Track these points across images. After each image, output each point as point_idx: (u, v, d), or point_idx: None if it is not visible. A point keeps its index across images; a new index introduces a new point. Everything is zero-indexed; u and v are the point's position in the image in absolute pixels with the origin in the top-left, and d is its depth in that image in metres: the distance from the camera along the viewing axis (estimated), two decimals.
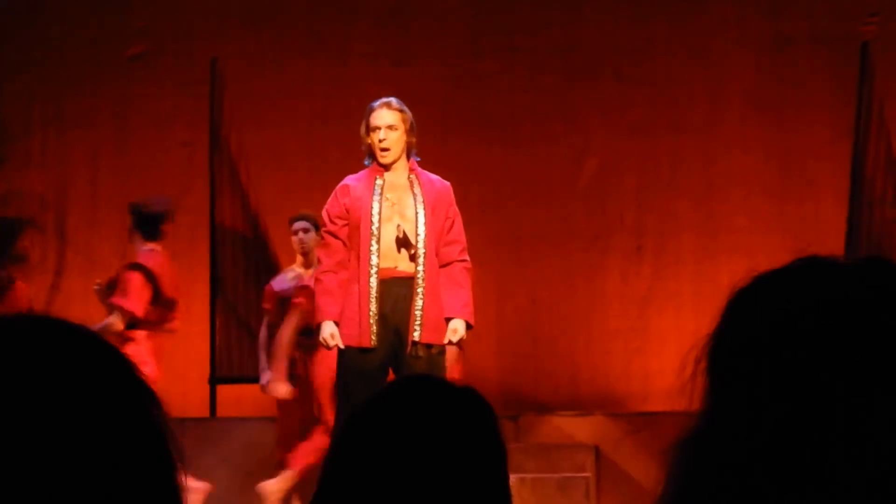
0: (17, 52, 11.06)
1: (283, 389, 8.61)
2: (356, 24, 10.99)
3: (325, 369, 8.61)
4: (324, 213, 7.18)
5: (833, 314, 1.23)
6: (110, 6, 11.09)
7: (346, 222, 7.05)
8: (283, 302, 8.82)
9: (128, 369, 1.22)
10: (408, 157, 7.12)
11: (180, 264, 9.25)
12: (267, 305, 8.95)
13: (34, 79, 11.04)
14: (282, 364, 8.57)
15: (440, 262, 7.09)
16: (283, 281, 8.97)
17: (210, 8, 11.05)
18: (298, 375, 8.83)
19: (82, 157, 11.08)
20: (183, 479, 1.22)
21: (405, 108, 7.12)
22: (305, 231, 8.94)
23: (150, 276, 8.56)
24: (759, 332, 1.24)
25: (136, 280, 8.54)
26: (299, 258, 9.01)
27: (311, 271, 8.87)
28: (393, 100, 7.15)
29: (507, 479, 1.97)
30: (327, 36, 10.99)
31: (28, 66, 11.05)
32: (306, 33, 11.00)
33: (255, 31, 10.98)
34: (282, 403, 8.88)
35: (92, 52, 11.04)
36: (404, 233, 6.99)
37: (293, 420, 8.80)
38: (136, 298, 8.51)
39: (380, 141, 7.02)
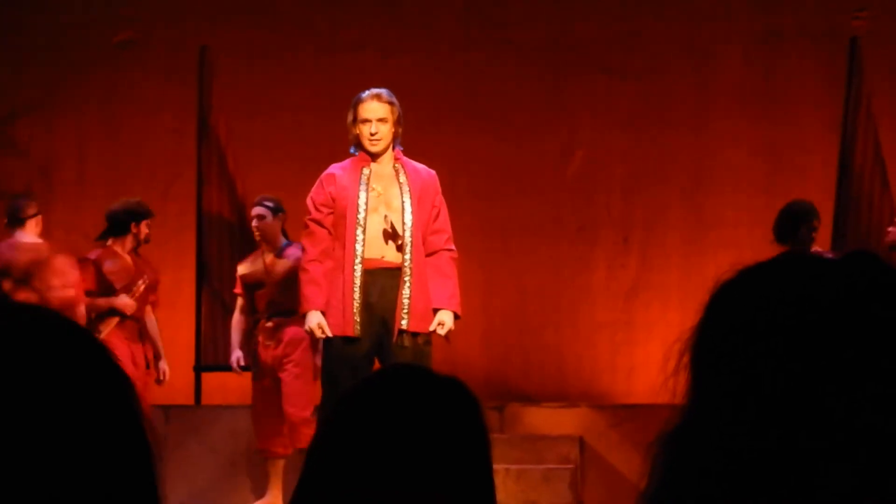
0: (4, 39, 11.04)
1: None
2: (345, 14, 10.98)
3: (298, 354, 8.70)
4: (308, 202, 7.14)
5: (817, 308, 1.23)
6: None
7: (331, 211, 7.02)
8: (249, 287, 8.97)
9: (102, 356, 1.21)
10: (393, 147, 7.11)
11: (167, 251, 9.26)
12: (237, 290, 9.12)
13: (21, 65, 11.02)
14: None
15: (426, 251, 7.08)
16: (247, 265, 9.07)
17: None
18: (267, 363, 8.90)
19: (69, 144, 11.06)
20: (160, 466, 1.22)
21: (395, 100, 7.09)
22: (260, 217, 8.96)
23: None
24: (742, 325, 1.24)
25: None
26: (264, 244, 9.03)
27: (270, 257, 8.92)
28: (383, 92, 7.11)
29: (490, 469, 1.97)
30: (316, 25, 10.97)
31: (15, 52, 11.03)
32: (295, 23, 10.99)
33: (244, 19, 10.97)
34: (258, 394, 8.96)
35: (80, 39, 11.02)
36: (392, 224, 6.97)
37: (270, 410, 8.85)
38: None
39: (371, 134, 7.00)
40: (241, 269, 9.09)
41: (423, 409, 1.93)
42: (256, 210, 8.95)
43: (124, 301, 8.85)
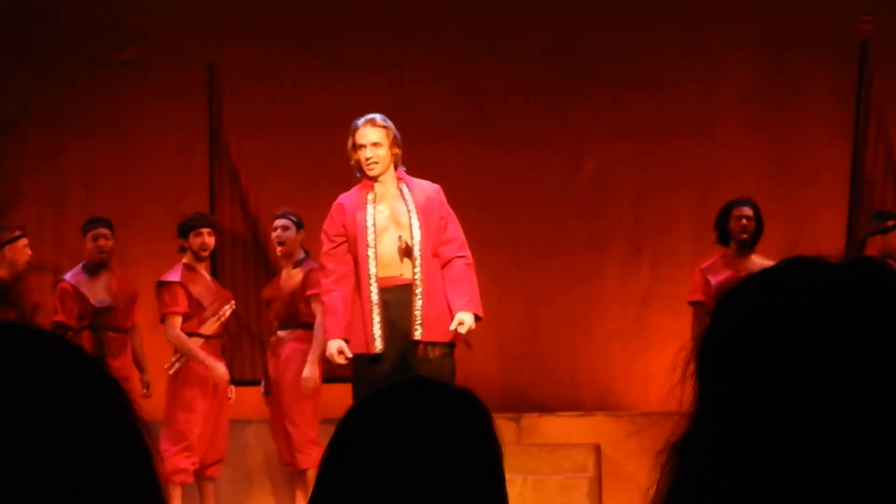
0: (13, 57, 11.06)
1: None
2: (351, 29, 11.00)
3: (291, 374, 8.76)
4: (322, 235, 7.40)
5: (820, 314, 1.23)
6: (107, 11, 11.09)
7: (344, 239, 7.25)
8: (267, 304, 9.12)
9: (95, 369, 1.22)
10: (395, 168, 7.27)
11: None
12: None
13: (30, 84, 11.04)
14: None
15: (441, 263, 7.23)
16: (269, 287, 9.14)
17: (207, 13, 11.06)
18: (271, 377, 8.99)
19: (79, 161, 11.09)
20: (161, 471, 1.23)
21: (388, 123, 7.28)
22: (285, 228, 9.03)
23: None
24: (746, 332, 1.25)
25: None
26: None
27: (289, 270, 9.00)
28: (377, 116, 7.29)
29: (503, 481, 1.97)
30: (323, 40, 10.99)
31: (24, 70, 11.05)
32: (302, 38, 11.01)
33: (251, 35, 10.99)
34: (269, 407, 9.04)
35: (88, 57, 11.04)
36: (406, 243, 7.12)
37: (281, 423, 8.94)
38: None
39: (366, 159, 7.18)
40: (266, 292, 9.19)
41: (434, 421, 1.93)
42: (281, 222, 9.03)
43: (220, 371, 8.86)
